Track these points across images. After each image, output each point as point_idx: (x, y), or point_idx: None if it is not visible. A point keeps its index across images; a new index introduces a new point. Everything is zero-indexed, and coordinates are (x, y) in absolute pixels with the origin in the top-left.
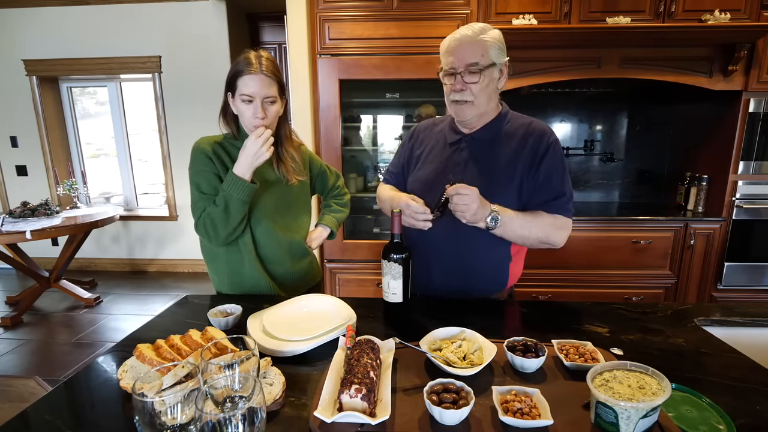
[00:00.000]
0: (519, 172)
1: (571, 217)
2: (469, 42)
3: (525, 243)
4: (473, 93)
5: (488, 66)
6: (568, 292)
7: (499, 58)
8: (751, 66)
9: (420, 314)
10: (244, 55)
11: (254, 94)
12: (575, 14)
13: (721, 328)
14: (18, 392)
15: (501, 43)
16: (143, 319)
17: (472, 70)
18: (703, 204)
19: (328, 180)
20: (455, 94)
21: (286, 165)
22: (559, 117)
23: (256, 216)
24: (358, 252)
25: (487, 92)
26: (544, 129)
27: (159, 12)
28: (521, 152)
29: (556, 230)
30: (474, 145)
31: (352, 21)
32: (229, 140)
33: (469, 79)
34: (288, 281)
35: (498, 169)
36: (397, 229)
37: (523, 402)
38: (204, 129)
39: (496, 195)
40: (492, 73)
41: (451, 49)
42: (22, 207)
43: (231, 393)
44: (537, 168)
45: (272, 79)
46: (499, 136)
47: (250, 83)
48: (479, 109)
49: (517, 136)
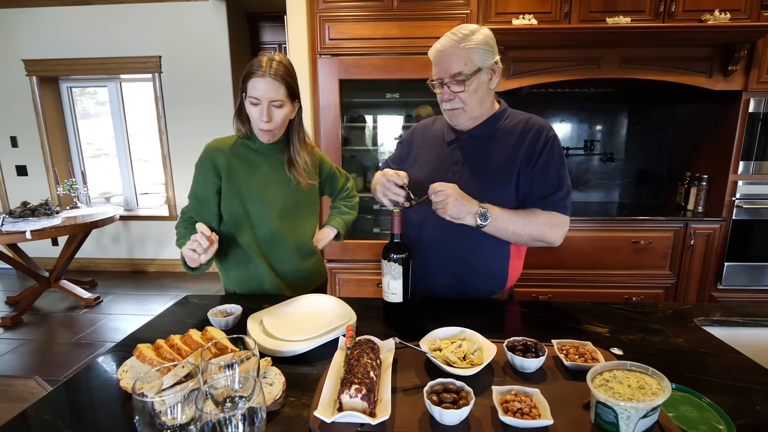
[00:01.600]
0: (517, 167)
1: (569, 215)
2: (451, 52)
3: (519, 241)
4: (462, 100)
5: (473, 73)
6: (568, 292)
7: (486, 60)
8: (751, 66)
9: (420, 314)
10: (258, 58)
11: (260, 97)
12: (575, 14)
13: (721, 328)
14: (18, 392)
15: (487, 45)
16: (143, 319)
17: (457, 79)
18: (703, 204)
19: (337, 182)
20: (445, 104)
21: (298, 168)
22: (559, 117)
23: (263, 212)
24: (358, 252)
25: (478, 97)
26: (542, 124)
27: (159, 12)
28: (519, 148)
29: (551, 228)
30: (471, 142)
31: (352, 21)
32: (242, 140)
33: (455, 89)
34: (294, 280)
35: (496, 166)
36: (397, 229)
37: (523, 402)
38: (204, 129)
39: (495, 191)
40: (479, 78)
41: (435, 60)
42: (22, 207)
43: (231, 393)
44: (535, 163)
45: (280, 83)
46: (497, 133)
47: (257, 86)
48: (471, 113)
49: (515, 133)
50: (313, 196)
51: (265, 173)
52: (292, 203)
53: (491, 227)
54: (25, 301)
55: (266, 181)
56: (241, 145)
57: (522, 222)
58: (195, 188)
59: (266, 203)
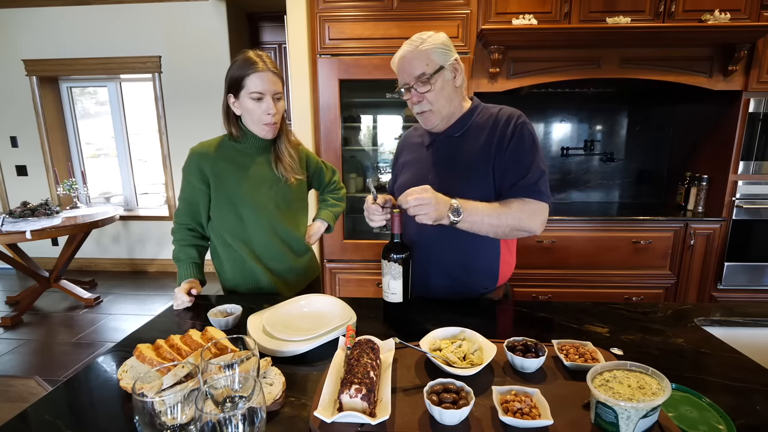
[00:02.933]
0: (491, 159)
1: (546, 201)
2: (411, 56)
3: (498, 233)
4: (429, 101)
5: (436, 72)
6: (568, 292)
7: (446, 59)
8: (751, 66)
9: (420, 314)
10: (245, 56)
11: (265, 91)
12: (575, 14)
13: (721, 328)
14: (18, 392)
15: (444, 45)
16: (143, 319)
17: (421, 80)
18: (703, 204)
19: (324, 176)
20: (415, 107)
21: (284, 164)
22: (559, 117)
23: (257, 215)
24: (358, 252)
25: (445, 95)
26: (511, 112)
27: (159, 12)
28: (492, 139)
29: (528, 216)
30: (447, 142)
31: (352, 21)
32: (228, 142)
33: (421, 89)
34: (289, 277)
35: (472, 162)
36: (397, 229)
37: (523, 402)
38: (204, 128)
39: (474, 187)
40: (443, 76)
41: (399, 68)
42: (22, 207)
43: (231, 393)
44: (505, 151)
45: (278, 76)
46: (470, 130)
47: (259, 81)
48: (441, 112)
49: (487, 126)
50: (302, 192)
51: (254, 175)
52: (283, 201)
53: (466, 222)
54: (25, 301)
55: (256, 182)
56: (226, 146)
57: (497, 212)
58: (183, 193)
59: (258, 206)
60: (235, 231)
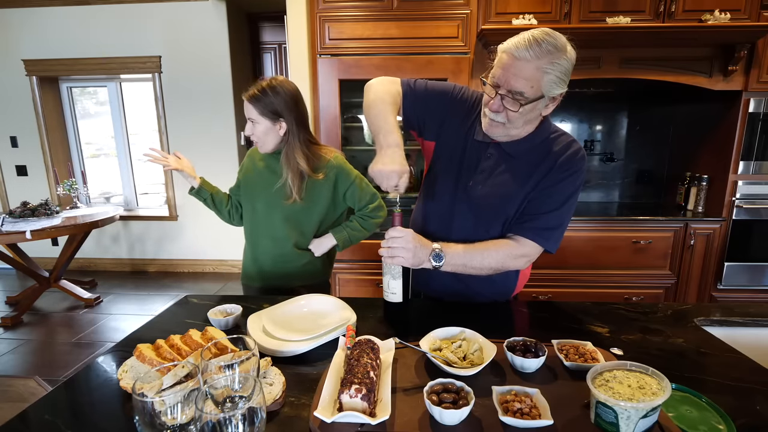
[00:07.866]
0: (529, 185)
1: (551, 251)
2: (524, 66)
3: (480, 274)
4: (509, 118)
5: (535, 99)
6: (568, 292)
7: (554, 90)
8: (751, 66)
9: (420, 314)
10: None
11: (246, 116)
12: (575, 14)
13: (721, 328)
14: (18, 392)
15: (564, 74)
16: (143, 319)
17: (515, 97)
18: (703, 204)
19: (357, 200)
20: (489, 111)
21: (283, 179)
22: (559, 117)
23: (255, 214)
24: (358, 252)
25: (526, 119)
26: (575, 152)
27: (159, 12)
28: (540, 166)
29: (514, 258)
30: (500, 153)
31: (352, 21)
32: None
33: (508, 104)
34: (273, 272)
35: (517, 184)
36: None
37: (523, 402)
38: (204, 128)
39: (507, 208)
40: (538, 104)
41: (503, 63)
42: (22, 207)
43: (231, 393)
44: (546, 182)
45: (249, 104)
46: (528, 152)
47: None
48: (509, 131)
49: (548, 153)
50: (311, 214)
51: (269, 178)
52: (279, 205)
53: (448, 266)
54: (25, 301)
55: (268, 183)
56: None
57: (480, 257)
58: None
59: (258, 207)
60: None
